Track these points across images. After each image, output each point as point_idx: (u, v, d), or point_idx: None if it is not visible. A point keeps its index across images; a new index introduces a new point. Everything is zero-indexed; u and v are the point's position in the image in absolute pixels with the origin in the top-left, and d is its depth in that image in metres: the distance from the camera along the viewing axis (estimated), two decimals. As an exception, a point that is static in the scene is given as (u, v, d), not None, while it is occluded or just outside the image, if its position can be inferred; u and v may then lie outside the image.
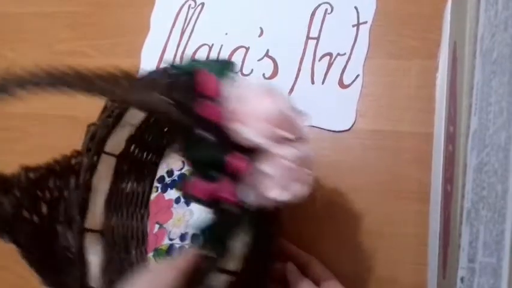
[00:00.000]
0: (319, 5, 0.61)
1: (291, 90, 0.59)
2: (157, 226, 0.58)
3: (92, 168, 0.49)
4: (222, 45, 0.63)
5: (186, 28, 0.65)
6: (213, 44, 0.63)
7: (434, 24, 0.53)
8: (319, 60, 0.59)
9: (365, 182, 0.54)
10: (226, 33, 0.63)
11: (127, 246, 0.54)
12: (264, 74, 0.61)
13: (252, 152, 0.37)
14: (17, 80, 0.30)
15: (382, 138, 0.55)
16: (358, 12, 0.59)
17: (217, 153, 0.36)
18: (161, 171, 0.60)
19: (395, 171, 0.54)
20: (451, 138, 0.41)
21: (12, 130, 0.69)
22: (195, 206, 0.57)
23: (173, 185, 0.59)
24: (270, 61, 0.61)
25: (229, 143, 0.36)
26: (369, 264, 0.53)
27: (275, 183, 0.37)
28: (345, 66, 0.58)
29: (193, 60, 0.48)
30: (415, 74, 0.55)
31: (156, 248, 0.57)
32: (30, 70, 0.31)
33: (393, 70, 0.56)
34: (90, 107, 0.47)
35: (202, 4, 0.66)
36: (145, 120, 0.53)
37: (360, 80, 0.57)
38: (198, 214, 0.57)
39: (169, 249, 0.57)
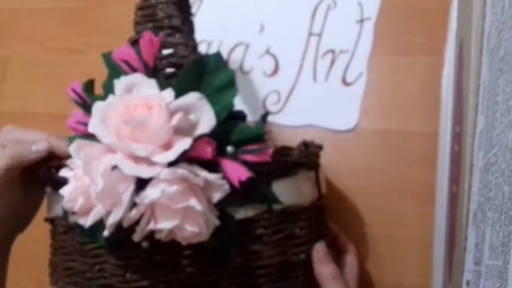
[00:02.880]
0: (322, 0, 0.60)
1: (293, 88, 0.58)
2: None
3: None
4: (221, 42, 0.62)
5: (185, 25, 0.65)
6: (212, 41, 0.63)
7: (440, 20, 0.53)
8: (322, 57, 0.58)
9: (368, 183, 0.54)
10: (225, 30, 0.63)
11: None
12: (264, 72, 0.60)
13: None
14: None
15: (386, 137, 0.54)
16: (361, 8, 0.58)
17: None
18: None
19: (400, 171, 0.53)
20: (457, 138, 0.41)
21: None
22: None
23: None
24: (271, 58, 0.60)
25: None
26: (373, 266, 0.53)
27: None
28: (348, 64, 0.57)
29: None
30: (420, 71, 0.55)
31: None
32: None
33: (398, 67, 0.56)
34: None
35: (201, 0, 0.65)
36: None
37: (363, 78, 0.56)
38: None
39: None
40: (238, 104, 0.44)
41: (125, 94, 0.38)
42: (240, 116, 0.43)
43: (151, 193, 0.36)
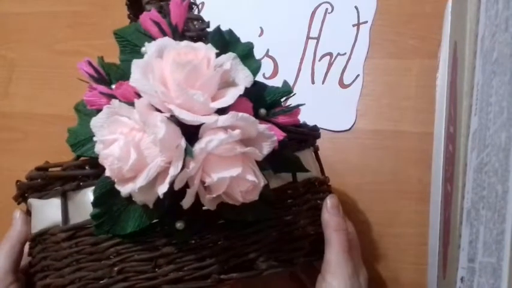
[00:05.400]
0: (320, 5, 0.61)
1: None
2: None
3: None
4: (222, 45, 0.63)
5: (186, 28, 0.65)
6: (213, 44, 0.63)
7: (435, 23, 0.53)
8: (320, 60, 0.59)
9: (365, 182, 0.54)
10: (226, 33, 0.63)
11: None
12: (264, 74, 0.60)
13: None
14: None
15: (382, 138, 0.55)
16: (358, 12, 0.59)
17: None
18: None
19: (396, 171, 0.54)
20: (451, 138, 0.41)
21: (13, 131, 0.69)
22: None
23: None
24: (270, 61, 0.61)
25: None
26: (369, 264, 0.53)
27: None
28: (345, 66, 0.58)
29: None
30: (415, 73, 0.55)
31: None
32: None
33: (393, 70, 0.56)
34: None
35: (202, 4, 0.66)
36: None
37: (360, 80, 0.57)
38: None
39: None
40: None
41: (157, 57, 0.35)
42: (261, 84, 0.41)
43: (208, 141, 0.32)
